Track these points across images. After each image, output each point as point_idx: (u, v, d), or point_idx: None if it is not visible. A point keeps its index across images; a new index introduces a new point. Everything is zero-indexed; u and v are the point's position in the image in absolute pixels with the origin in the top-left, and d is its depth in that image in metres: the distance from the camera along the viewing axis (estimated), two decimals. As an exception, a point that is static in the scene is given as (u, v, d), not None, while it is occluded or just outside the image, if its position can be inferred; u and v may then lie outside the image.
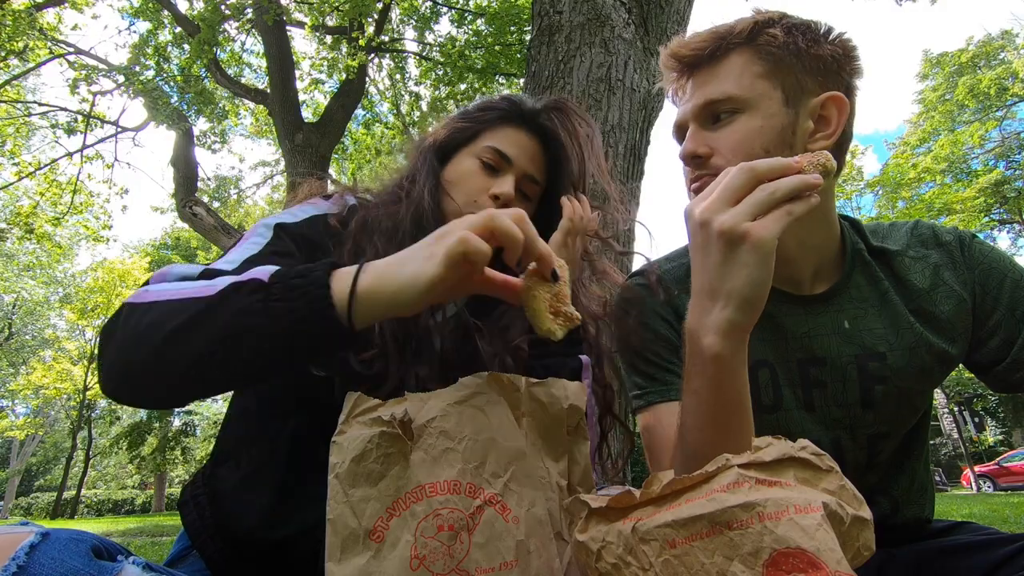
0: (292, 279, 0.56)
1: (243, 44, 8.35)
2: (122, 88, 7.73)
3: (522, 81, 6.72)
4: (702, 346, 0.57)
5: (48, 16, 7.69)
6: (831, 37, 0.76)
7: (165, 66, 7.47)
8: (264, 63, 7.62)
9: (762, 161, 0.56)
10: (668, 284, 0.87)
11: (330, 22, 7.63)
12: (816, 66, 0.74)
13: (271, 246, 0.77)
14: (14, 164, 8.69)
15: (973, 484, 17.21)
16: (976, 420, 23.25)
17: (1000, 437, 22.12)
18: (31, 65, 8.11)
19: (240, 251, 0.75)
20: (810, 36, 0.75)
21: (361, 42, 7.26)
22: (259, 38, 7.30)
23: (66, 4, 7.53)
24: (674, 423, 0.67)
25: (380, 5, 6.93)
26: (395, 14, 8.31)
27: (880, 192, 20.31)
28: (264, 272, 0.58)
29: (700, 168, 0.77)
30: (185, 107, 7.89)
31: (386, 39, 8.27)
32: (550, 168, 0.95)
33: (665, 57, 0.81)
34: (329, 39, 7.71)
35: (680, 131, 0.83)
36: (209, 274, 0.66)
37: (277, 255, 0.76)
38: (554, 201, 0.93)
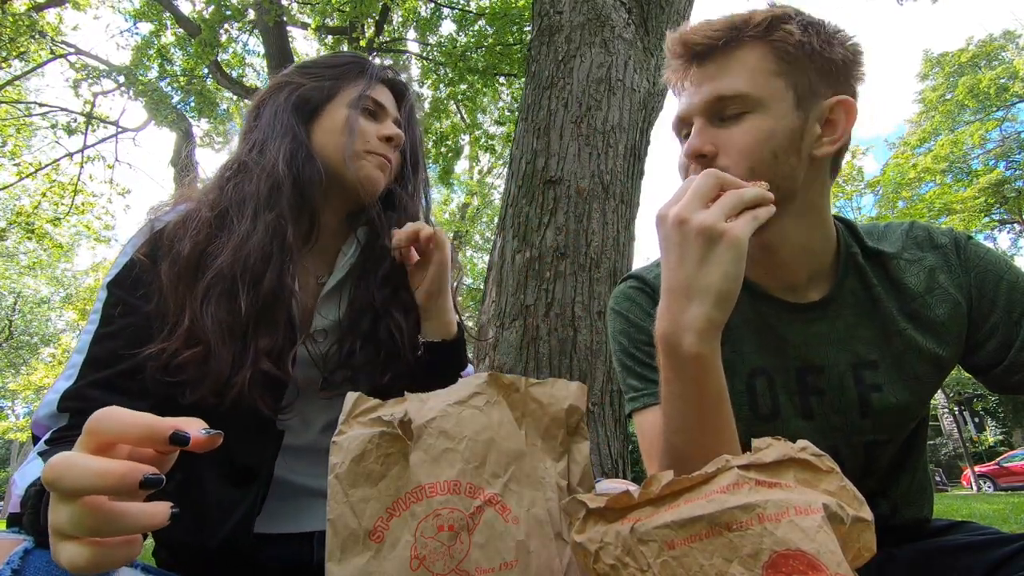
0: None
1: (244, 44, 8.37)
2: (123, 88, 7.75)
3: (522, 81, 6.72)
4: (682, 347, 0.59)
5: (49, 16, 7.71)
6: (842, 39, 0.74)
7: (168, 68, 7.48)
8: (265, 64, 7.63)
9: (722, 173, 0.62)
10: (659, 288, 0.87)
11: (331, 23, 7.63)
12: (828, 68, 0.72)
13: (108, 309, 0.75)
14: (15, 165, 8.71)
15: (973, 484, 17.20)
16: (976, 420, 23.22)
17: (1000, 437, 22.08)
18: (32, 66, 8.14)
19: (81, 339, 0.74)
20: (824, 36, 0.73)
21: (362, 43, 7.26)
22: (260, 38, 7.30)
23: (67, 4, 7.54)
24: None
25: (380, 5, 6.93)
26: (396, 16, 8.31)
27: (880, 192, 20.30)
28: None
29: (706, 167, 0.71)
30: (187, 109, 7.90)
31: (387, 40, 8.27)
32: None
33: (673, 42, 0.75)
34: (330, 39, 7.71)
35: (682, 125, 0.78)
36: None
37: (119, 316, 0.74)
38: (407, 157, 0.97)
